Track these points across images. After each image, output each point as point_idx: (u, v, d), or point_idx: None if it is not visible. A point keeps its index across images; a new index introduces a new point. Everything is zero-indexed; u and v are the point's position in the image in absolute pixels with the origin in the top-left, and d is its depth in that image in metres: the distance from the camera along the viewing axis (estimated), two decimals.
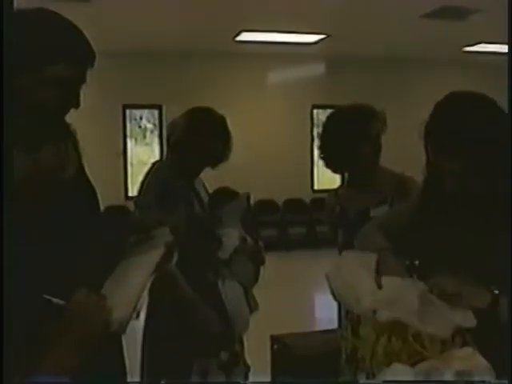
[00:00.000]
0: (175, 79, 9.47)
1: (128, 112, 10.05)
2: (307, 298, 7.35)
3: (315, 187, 10.73)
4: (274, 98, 10.37)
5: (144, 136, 10.56)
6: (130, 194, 9.52)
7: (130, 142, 10.19)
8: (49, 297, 1.25)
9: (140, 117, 10.45)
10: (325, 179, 10.06)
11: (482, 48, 9.39)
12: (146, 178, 2.65)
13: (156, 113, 10.16)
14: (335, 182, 5.22)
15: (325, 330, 2.11)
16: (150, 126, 10.47)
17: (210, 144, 2.64)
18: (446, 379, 1.15)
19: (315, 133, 10.34)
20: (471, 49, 9.51)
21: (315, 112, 10.71)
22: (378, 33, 8.35)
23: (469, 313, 1.33)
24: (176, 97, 8.55)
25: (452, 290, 1.39)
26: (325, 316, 4.45)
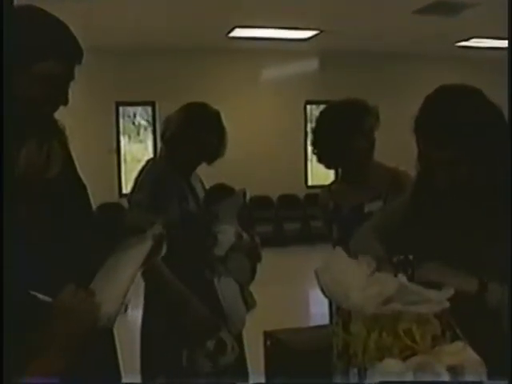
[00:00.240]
0: (169, 76, 9.45)
1: (121, 109, 10.02)
2: (302, 293, 7.36)
3: (309, 183, 10.74)
4: (268, 94, 10.37)
5: (138, 133, 10.54)
6: (124, 192, 9.51)
7: (123, 139, 10.17)
8: (35, 293, 1.24)
9: (134, 114, 10.43)
10: (319, 175, 10.07)
11: (475, 43, 9.40)
12: (140, 175, 2.65)
13: (150, 110, 10.14)
14: (329, 178, 5.22)
15: (319, 325, 2.11)
16: (143, 122, 10.45)
17: (204, 139, 2.62)
18: (437, 373, 1.16)
19: (309, 128, 10.34)
20: (465, 44, 9.52)
21: (308, 108, 10.73)
22: (371, 28, 8.35)
23: (448, 289, 1.33)
24: (169, 93, 8.53)
25: (436, 279, 1.40)
26: (319, 311, 4.46)
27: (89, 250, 1.50)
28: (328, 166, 2.71)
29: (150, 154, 9.79)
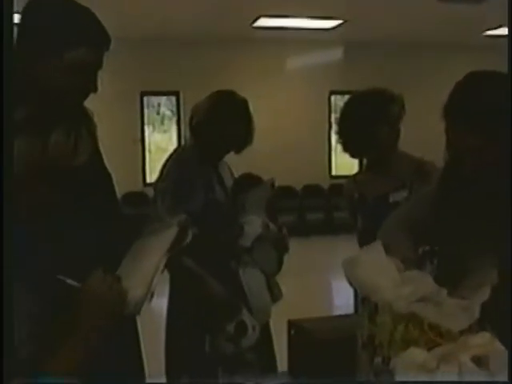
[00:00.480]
0: (193, 66, 9.46)
1: (146, 99, 10.07)
2: (325, 283, 7.36)
3: (333, 173, 10.70)
4: (292, 84, 10.32)
5: (162, 123, 10.58)
6: (148, 181, 9.57)
7: (147, 129, 10.22)
8: (63, 277, 1.26)
9: (158, 104, 10.48)
10: (343, 165, 10.02)
11: (504, 32, 9.23)
12: (167, 164, 2.64)
13: (174, 99, 10.17)
14: (353, 168, 5.19)
15: (343, 314, 2.11)
16: (168, 112, 10.49)
17: (232, 126, 2.59)
18: (462, 363, 1.15)
19: (333, 119, 10.29)
20: (492, 32, 9.36)
21: (333, 98, 10.65)
22: (395, 18, 8.25)
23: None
24: (194, 84, 8.54)
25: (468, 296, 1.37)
26: (343, 302, 4.45)
27: (114, 237, 1.52)
28: (353, 156, 2.70)
29: (174, 143, 9.82)
